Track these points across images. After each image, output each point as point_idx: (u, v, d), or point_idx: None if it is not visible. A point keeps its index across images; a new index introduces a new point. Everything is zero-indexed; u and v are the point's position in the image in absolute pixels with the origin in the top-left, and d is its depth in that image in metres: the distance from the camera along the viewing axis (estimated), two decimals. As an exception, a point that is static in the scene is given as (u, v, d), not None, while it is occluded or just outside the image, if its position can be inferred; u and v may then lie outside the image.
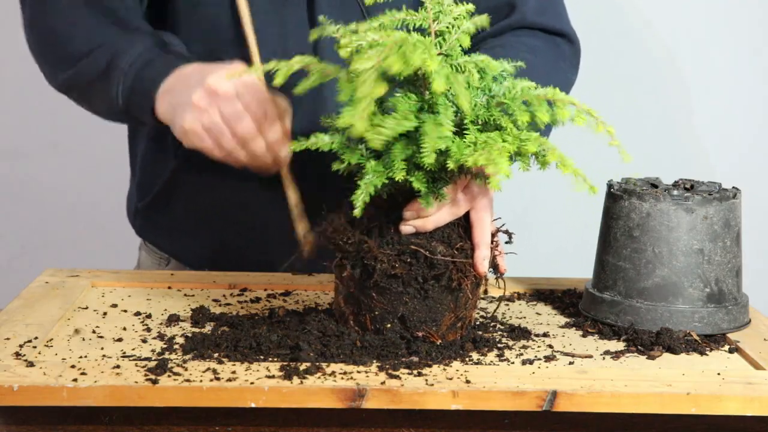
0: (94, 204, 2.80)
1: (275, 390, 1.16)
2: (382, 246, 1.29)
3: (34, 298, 1.47)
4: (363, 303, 1.30)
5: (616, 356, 1.32)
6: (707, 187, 1.43)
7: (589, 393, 1.18)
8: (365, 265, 1.28)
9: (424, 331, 1.30)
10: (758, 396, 1.20)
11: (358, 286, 1.30)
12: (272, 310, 1.42)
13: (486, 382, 1.20)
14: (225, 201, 1.68)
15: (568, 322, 1.45)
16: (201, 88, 1.42)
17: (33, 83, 1.85)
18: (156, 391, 1.16)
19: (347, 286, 1.31)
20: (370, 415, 1.21)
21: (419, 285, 1.29)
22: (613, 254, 1.41)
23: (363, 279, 1.29)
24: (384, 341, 1.28)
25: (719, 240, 1.38)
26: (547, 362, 1.28)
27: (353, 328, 1.31)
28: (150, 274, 1.65)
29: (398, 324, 1.30)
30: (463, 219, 1.33)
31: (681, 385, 1.21)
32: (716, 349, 1.35)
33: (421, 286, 1.29)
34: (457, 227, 1.32)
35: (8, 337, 1.30)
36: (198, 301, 1.50)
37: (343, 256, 1.31)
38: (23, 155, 2.84)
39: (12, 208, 2.86)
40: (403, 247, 1.29)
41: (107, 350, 1.28)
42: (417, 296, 1.29)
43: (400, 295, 1.29)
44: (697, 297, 1.38)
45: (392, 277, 1.28)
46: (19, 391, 1.15)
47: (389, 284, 1.29)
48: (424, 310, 1.30)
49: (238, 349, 1.27)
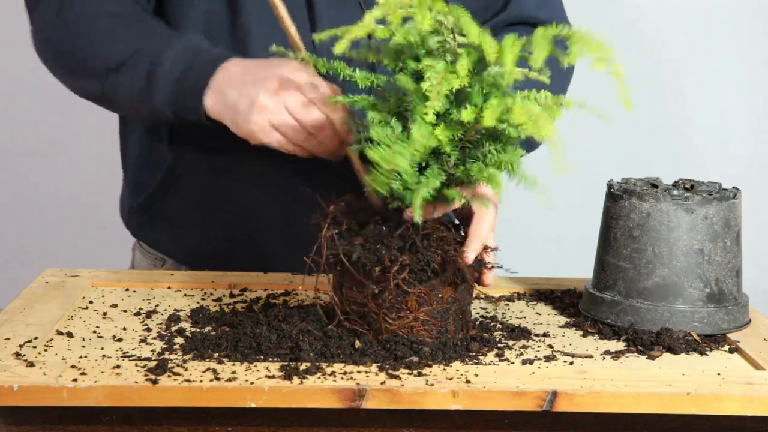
0: (93, 204, 2.80)
1: (275, 390, 1.16)
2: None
3: (34, 298, 1.47)
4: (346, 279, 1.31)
5: (616, 356, 1.32)
6: (707, 187, 1.43)
7: (589, 393, 1.18)
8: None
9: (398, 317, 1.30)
10: (758, 396, 1.20)
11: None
12: (272, 309, 1.42)
13: (486, 382, 1.20)
14: (221, 197, 1.68)
15: (568, 322, 1.45)
16: (263, 88, 1.43)
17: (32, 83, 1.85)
18: (156, 391, 1.16)
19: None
20: (370, 415, 1.21)
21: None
22: (613, 254, 1.41)
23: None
24: (384, 341, 1.29)
25: (719, 240, 1.38)
26: (547, 362, 1.28)
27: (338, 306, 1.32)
28: (150, 274, 1.65)
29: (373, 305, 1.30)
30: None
31: (681, 385, 1.21)
32: (716, 349, 1.35)
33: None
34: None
35: (8, 337, 1.30)
36: (198, 301, 1.50)
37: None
38: (23, 155, 2.84)
39: (12, 208, 2.86)
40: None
41: (107, 350, 1.28)
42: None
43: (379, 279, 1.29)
44: (697, 297, 1.38)
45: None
46: (19, 391, 1.15)
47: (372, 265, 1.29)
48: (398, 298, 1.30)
49: (238, 349, 1.27)
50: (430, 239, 1.30)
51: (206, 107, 1.49)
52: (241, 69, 1.47)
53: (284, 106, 1.43)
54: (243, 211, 1.68)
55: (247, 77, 1.46)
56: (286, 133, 1.45)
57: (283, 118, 1.44)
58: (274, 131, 1.45)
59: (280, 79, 1.43)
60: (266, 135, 1.45)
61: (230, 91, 1.46)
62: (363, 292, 1.30)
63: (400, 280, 1.28)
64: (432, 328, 1.31)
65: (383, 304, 1.30)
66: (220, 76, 1.48)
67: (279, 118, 1.44)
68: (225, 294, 1.54)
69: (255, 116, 1.44)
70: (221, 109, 1.48)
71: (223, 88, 1.47)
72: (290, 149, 1.47)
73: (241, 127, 1.46)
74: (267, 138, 1.45)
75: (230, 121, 1.48)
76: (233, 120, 1.47)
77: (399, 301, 1.30)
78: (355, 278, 1.30)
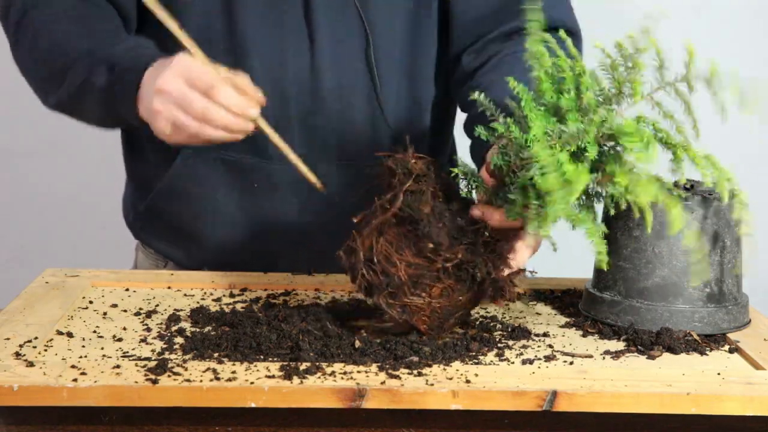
0: (93, 204, 2.81)
1: (275, 390, 1.17)
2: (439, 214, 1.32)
3: (34, 298, 1.47)
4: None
5: (616, 356, 1.32)
6: (707, 188, 1.43)
7: (589, 393, 1.18)
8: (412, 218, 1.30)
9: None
10: (758, 396, 1.20)
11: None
12: (272, 309, 1.42)
13: (486, 382, 1.20)
14: (226, 202, 1.68)
15: (568, 322, 1.45)
16: (154, 93, 1.42)
17: (32, 83, 1.85)
18: (156, 391, 1.16)
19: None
20: (370, 415, 1.21)
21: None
22: (613, 254, 1.41)
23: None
24: (383, 342, 1.29)
25: (719, 240, 1.38)
26: (547, 362, 1.28)
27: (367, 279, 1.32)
28: (150, 274, 1.65)
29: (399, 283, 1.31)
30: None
31: (681, 385, 1.21)
32: (716, 349, 1.35)
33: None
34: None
35: (8, 337, 1.30)
36: (198, 301, 1.50)
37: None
38: (23, 155, 2.84)
39: (12, 208, 2.86)
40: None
41: (107, 350, 1.28)
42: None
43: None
44: (697, 297, 1.38)
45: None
46: (19, 391, 1.15)
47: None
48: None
49: (238, 349, 1.27)
50: (488, 249, 1.32)
51: (141, 118, 1.48)
52: (150, 75, 1.45)
53: (172, 103, 1.40)
54: (249, 215, 1.68)
55: (148, 85, 1.44)
56: (181, 126, 1.41)
57: (173, 115, 1.41)
58: (173, 129, 1.41)
59: (164, 77, 1.41)
60: (170, 136, 1.43)
61: (144, 101, 1.45)
62: (402, 255, 1.30)
63: (444, 265, 1.29)
64: (434, 320, 1.31)
65: (413, 277, 1.30)
66: (141, 88, 1.46)
67: (170, 115, 1.41)
68: (225, 294, 1.54)
69: (156, 121, 1.42)
70: (143, 115, 1.46)
71: (142, 98, 1.45)
72: (197, 142, 1.43)
73: (156, 132, 1.44)
74: (171, 137, 1.43)
75: (153, 129, 1.46)
76: (153, 128, 1.45)
77: (426, 282, 1.30)
78: (406, 238, 1.31)
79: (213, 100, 1.39)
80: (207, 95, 1.39)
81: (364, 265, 1.31)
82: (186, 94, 1.39)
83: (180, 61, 1.41)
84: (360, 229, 1.33)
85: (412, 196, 1.31)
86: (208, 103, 1.39)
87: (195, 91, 1.39)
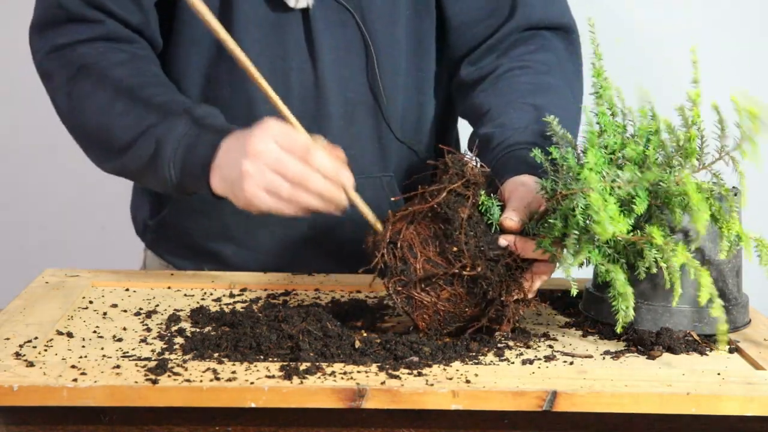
0: (93, 204, 2.80)
1: (275, 390, 1.17)
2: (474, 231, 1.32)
3: (34, 298, 1.47)
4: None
5: (616, 356, 1.32)
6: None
7: (589, 393, 1.18)
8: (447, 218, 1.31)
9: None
10: (758, 396, 1.20)
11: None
12: (272, 310, 1.42)
13: (486, 382, 1.20)
14: (237, 221, 1.67)
15: (568, 322, 1.45)
16: (245, 157, 1.38)
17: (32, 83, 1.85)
18: (156, 391, 1.16)
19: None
20: (370, 415, 1.21)
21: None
22: (613, 254, 1.41)
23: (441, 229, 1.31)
24: (383, 342, 1.29)
25: (719, 240, 1.38)
26: (547, 362, 1.28)
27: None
28: (150, 274, 1.65)
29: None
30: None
31: (681, 385, 1.21)
32: (716, 349, 1.35)
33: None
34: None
35: (8, 337, 1.30)
36: (198, 301, 1.50)
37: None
38: (23, 155, 2.84)
39: (12, 208, 2.86)
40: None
41: (107, 350, 1.28)
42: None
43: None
44: (698, 297, 1.38)
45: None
46: (19, 391, 1.15)
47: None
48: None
49: (238, 349, 1.27)
50: (508, 273, 1.32)
51: (213, 189, 1.46)
52: (233, 142, 1.43)
53: (266, 167, 1.38)
54: (265, 231, 1.68)
55: (233, 150, 1.42)
56: (274, 191, 1.39)
57: (268, 179, 1.38)
58: (265, 194, 1.39)
59: (257, 139, 1.39)
60: (260, 200, 1.39)
61: (225, 168, 1.43)
62: (425, 249, 1.31)
63: (461, 272, 1.30)
64: (434, 321, 1.32)
65: (428, 273, 1.30)
66: (219, 155, 1.44)
67: (263, 179, 1.38)
68: (225, 294, 1.54)
69: (245, 184, 1.39)
70: (224, 188, 1.44)
71: (222, 166, 1.43)
72: (291, 211, 1.41)
73: (239, 199, 1.41)
74: (261, 202, 1.39)
75: (232, 197, 1.43)
76: (233, 194, 1.42)
77: (439, 283, 1.31)
78: (435, 235, 1.31)
79: (309, 164, 1.37)
80: (303, 160, 1.37)
81: (387, 245, 1.32)
82: (281, 157, 1.37)
83: (271, 125, 1.39)
84: (396, 210, 1.34)
85: (456, 198, 1.31)
86: (304, 168, 1.37)
87: (291, 155, 1.37)
